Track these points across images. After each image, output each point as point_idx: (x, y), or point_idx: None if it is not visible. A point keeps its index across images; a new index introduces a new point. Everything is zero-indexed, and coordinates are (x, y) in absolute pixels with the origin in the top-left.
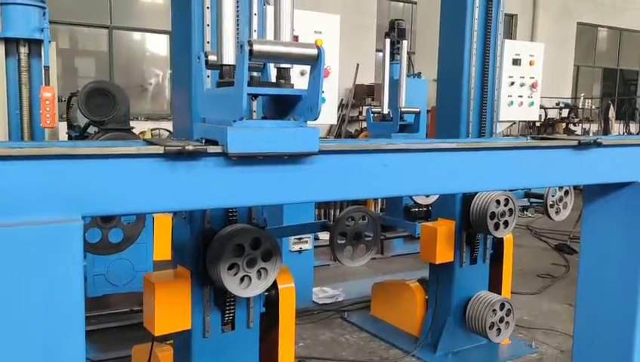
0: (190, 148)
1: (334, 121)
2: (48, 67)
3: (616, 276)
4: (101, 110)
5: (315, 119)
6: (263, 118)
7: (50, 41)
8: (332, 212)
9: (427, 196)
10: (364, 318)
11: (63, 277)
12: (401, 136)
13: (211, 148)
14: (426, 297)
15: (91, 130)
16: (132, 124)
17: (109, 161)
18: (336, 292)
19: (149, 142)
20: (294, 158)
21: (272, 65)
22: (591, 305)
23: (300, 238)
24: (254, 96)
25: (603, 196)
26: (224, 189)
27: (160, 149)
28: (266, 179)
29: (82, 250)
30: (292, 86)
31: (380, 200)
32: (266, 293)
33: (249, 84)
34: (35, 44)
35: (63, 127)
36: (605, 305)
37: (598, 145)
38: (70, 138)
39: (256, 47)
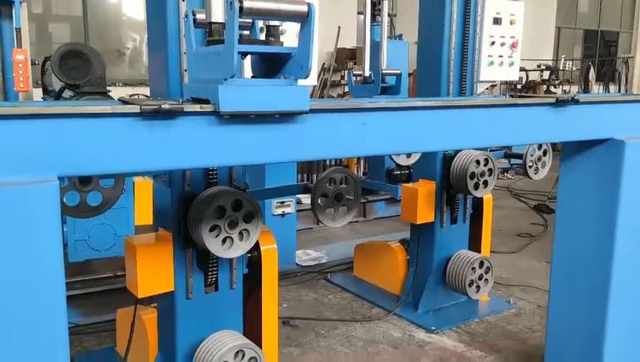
0: (166, 106)
1: (315, 82)
2: (20, 29)
3: (591, 232)
4: (76, 73)
5: (307, 77)
6: (252, 77)
7: (21, 2)
8: (314, 177)
9: (408, 157)
10: (346, 279)
11: (41, 237)
12: (383, 98)
13: (189, 107)
14: (407, 257)
15: (67, 94)
16: (110, 90)
17: (83, 121)
18: (319, 254)
19: (125, 102)
20: (285, 117)
21: (260, 23)
22: (566, 260)
23: (282, 202)
24: (244, 54)
25: (580, 153)
26: (213, 149)
27: (136, 108)
28: (257, 138)
29: (59, 211)
30: (282, 44)
31: (362, 163)
32: (249, 255)
33: (238, 42)
34: (5, 6)
35: (38, 93)
36: (580, 259)
37: (576, 102)
38: None
39: (246, 4)
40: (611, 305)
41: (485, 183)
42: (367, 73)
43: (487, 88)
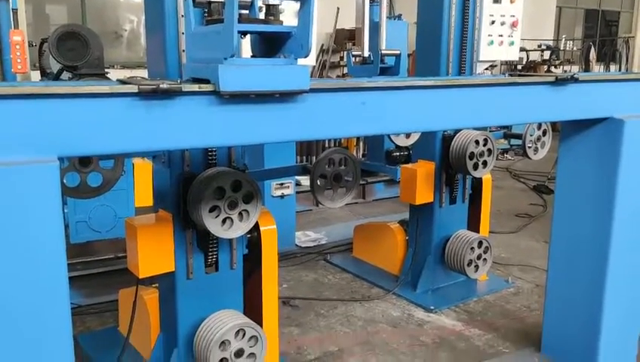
0: (165, 86)
1: (314, 62)
2: (16, 10)
3: (590, 211)
4: (73, 54)
5: (307, 56)
6: (252, 57)
7: None
8: (314, 158)
9: (407, 137)
10: (346, 260)
11: (42, 216)
12: (382, 78)
13: (187, 87)
14: (407, 238)
15: (65, 76)
16: (107, 72)
17: (82, 101)
18: (318, 235)
19: (123, 82)
20: (285, 97)
21: (259, 2)
22: (565, 239)
23: (281, 184)
24: (243, 33)
25: (579, 133)
26: (212, 129)
27: (134, 88)
28: (257, 118)
29: (60, 191)
30: (281, 23)
31: (361, 145)
32: (249, 235)
33: (238, 22)
34: None
35: (35, 76)
36: (579, 239)
37: (575, 80)
38: None
39: None
40: (609, 284)
41: (484, 163)
42: (366, 54)
43: (486, 68)
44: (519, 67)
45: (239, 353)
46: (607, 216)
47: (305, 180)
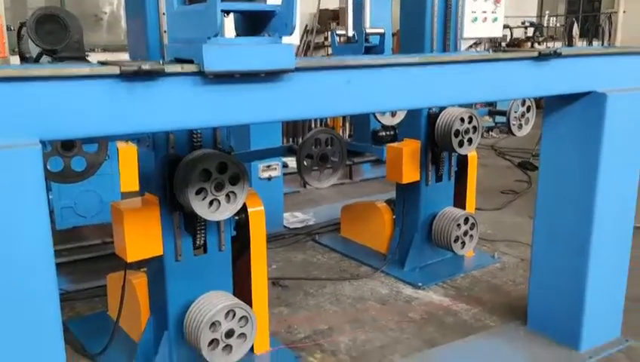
0: (146, 67)
1: (298, 41)
2: None
3: (573, 185)
4: (53, 38)
5: (291, 34)
6: (236, 36)
7: None
8: (300, 140)
9: (393, 116)
10: (334, 240)
11: (27, 200)
12: (367, 57)
13: (170, 68)
14: (394, 216)
15: (44, 60)
16: (88, 55)
17: (62, 83)
18: (306, 216)
19: (105, 64)
20: (270, 76)
21: None
22: (549, 213)
23: (268, 166)
24: (226, 12)
25: (562, 108)
26: (197, 110)
27: (115, 70)
28: (242, 98)
29: (43, 175)
30: (265, 1)
31: (347, 125)
32: (236, 217)
33: (221, 0)
34: None
35: (15, 60)
36: (562, 212)
37: (558, 55)
38: None
39: None
40: (592, 257)
41: (470, 141)
42: (350, 33)
43: (470, 46)
44: (503, 45)
45: (230, 333)
46: (590, 190)
47: (292, 162)
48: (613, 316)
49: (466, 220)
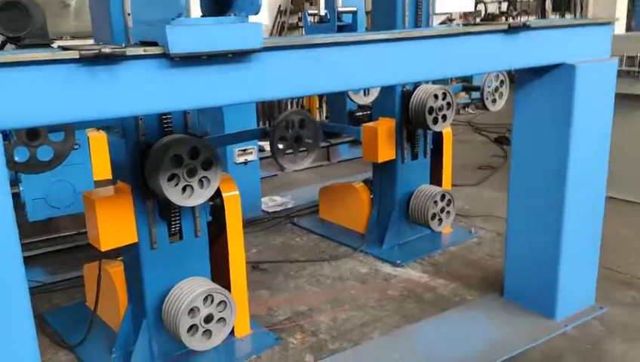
0: (107, 50)
1: (266, 20)
2: None
3: (545, 157)
4: (15, 25)
5: (257, 13)
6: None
7: None
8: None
9: (366, 95)
10: (313, 222)
11: None
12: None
13: (132, 51)
14: (371, 196)
15: (9, 48)
16: (55, 42)
17: (22, 69)
18: (284, 200)
19: (65, 48)
20: (238, 57)
21: None
22: (522, 185)
23: (244, 150)
24: None
25: (533, 80)
26: (163, 93)
27: (75, 54)
28: (210, 80)
29: (5, 163)
30: None
31: (324, 107)
32: (211, 202)
33: None
34: None
35: None
36: (536, 184)
37: (527, 28)
38: None
39: None
40: (566, 227)
41: (444, 117)
42: (322, 12)
43: (443, 22)
44: (478, 20)
45: (209, 318)
46: (562, 162)
47: (268, 146)
48: (587, 284)
49: (443, 197)
